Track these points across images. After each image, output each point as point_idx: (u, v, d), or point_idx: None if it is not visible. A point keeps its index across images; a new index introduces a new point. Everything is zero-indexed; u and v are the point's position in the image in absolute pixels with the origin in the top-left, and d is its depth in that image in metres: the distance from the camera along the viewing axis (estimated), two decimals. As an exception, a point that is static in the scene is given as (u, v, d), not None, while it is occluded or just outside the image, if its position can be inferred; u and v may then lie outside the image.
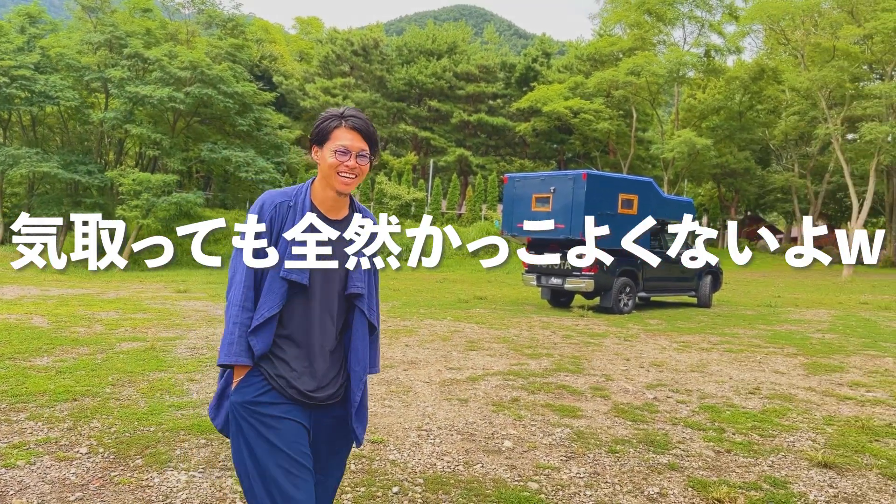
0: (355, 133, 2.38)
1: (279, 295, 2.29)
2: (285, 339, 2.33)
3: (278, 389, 2.29)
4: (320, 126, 2.41)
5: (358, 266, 2.43)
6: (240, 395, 2.28)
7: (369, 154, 2.40)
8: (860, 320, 13.97)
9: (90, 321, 9.85)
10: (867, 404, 6.51)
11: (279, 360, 2.32)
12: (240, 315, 2.28)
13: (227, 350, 2.28)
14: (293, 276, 2.29)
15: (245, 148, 30.37)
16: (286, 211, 2.36)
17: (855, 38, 30.52)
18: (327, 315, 2.39)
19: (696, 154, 38.55)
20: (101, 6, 31.38)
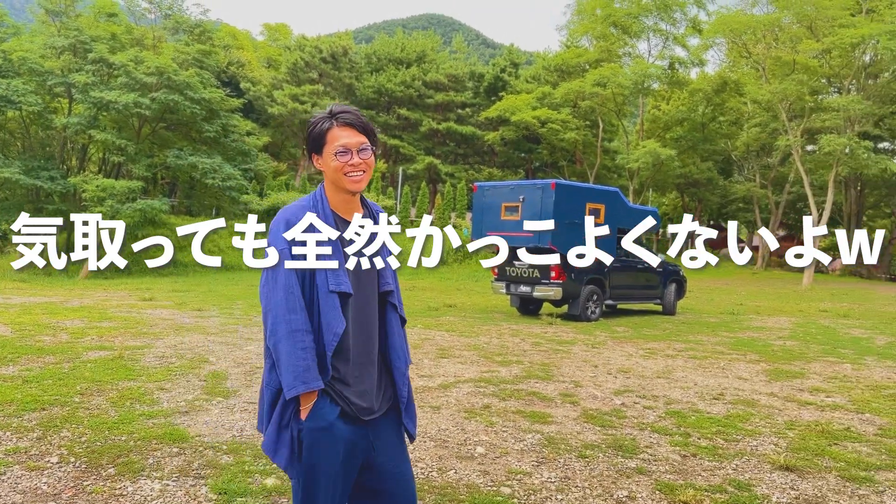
0: (350, 129, 2.30)
1: (339, 309, 2.21)
2: (336, 356, 2.25)
3: (344, 411, 2.24)
4: (313, 131, 2.33)
5: (386, 263, 2.39)
6: (320, 420, 2.21)
7: (370, 146, 2.33)
8: (820, 328, 14.34)
9: (55, 330, 9.70)
10: (827, 409, 6.71)
11: (338, 381, 2.25)
12: (305, 339, 2.17)
13: (305, 377, 2.16)
14: (342, 286, 2.22)
15: (212, 154, 30.09)
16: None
17: (814, 52, 31.34)
18: (369, 321, 2.33)
19: (660, 164, 39.19)
20: (65, 10, 30.92)
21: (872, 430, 5.94)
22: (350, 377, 2.26)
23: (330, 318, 2.20)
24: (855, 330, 14.13)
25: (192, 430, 5.04)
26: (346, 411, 2.25)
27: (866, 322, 15.82)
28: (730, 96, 41.38)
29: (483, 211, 14.72)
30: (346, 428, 2.24)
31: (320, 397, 2.22)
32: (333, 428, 2.21)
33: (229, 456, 4.54)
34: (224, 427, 5.19)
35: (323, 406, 2.21)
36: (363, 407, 2.27)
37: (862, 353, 10.68)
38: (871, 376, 8.67)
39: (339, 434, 2.22)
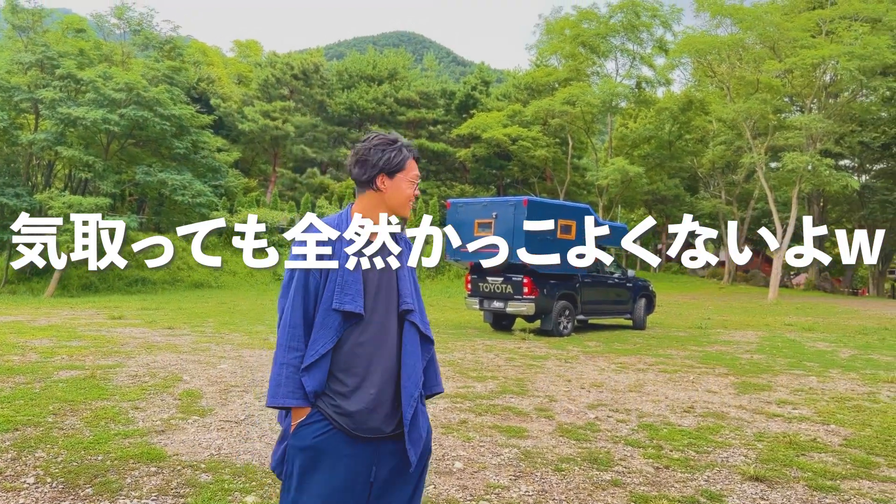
0: (416, 163, 2.47)
1: (333, 329, 2.23)
2: (345, 372, 2.26)
3: (343, 430, 2.23)
4: (393, 156, 2.37)
5: (405, 281, 2.40)
6: (298, 440, 2.23)
7: None
8: (786, 341, 14.64)
9: (23, 349, 9.55)
10: (794, 421, 6.88)
11: (341, 397, 2.24)
12: (286, 355, 2.21)
13: (274, 392, 2.21)
14: (346, 306, 2.23)
15: (181, 171, 29.81)
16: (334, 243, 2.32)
17: (776, 72, 32.15)
18: (387, 339, 2.32)
19: (628, 181, 39.77)
20: (32, 26, 30.54)
21: (838, 441, 6.11)
22: (361, 395, 2.25)
23: (318, 336, 2.23)
24: (820, 343, 14.45)
25: (169, 449, 5.02)
26: (341, 429, 2.24)
27: (830, 335, 16.18)
28: (695, 115, 42.21)
29: (456, 227, 14.82)
30: (339, 447, 2.23)
31: (311, 416, 2.24)
32: (317, 449, 2.21)
33: (208, 474, 4.54)
34: (201, 446, 5.18)
35: (308, 427, 2.23)
36: (370, 426, 2.26)
37: (827, 366, 10.94)
38: (835, 388, 8.90)
39: (326, 454, 2.21)
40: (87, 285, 29.03)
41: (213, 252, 20.04)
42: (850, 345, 14.29)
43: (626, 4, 41.27)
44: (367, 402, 2.26)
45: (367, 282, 2.31)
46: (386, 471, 2.32)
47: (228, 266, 32.51)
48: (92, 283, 29.28)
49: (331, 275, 2.27)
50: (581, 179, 46.58)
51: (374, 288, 2.33)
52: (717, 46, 33.51)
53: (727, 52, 33.94)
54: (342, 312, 2.24)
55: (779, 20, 31.60)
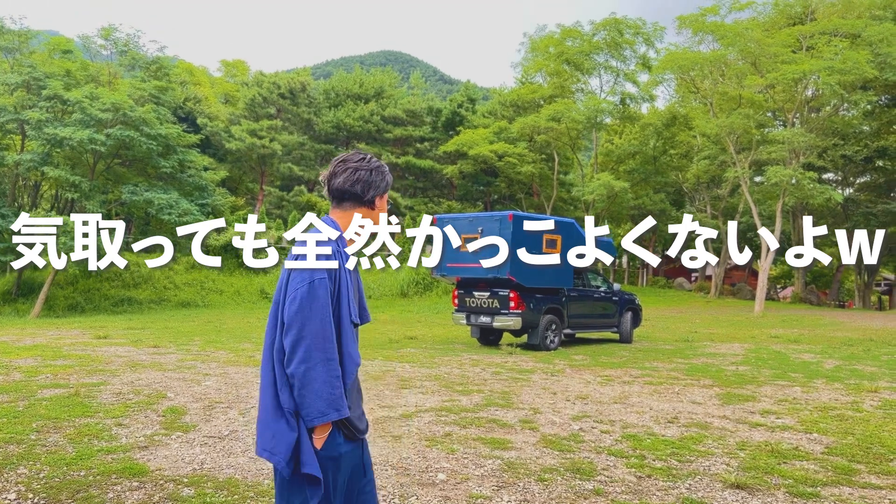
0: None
1: (356, 341, 2.40)
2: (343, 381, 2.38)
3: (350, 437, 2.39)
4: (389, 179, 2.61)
5: (362, 294, 2.57)
6: (333, 450, 2.34)
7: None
8: (771, 353, 14.73)
9: (8, 369, 9.49)
10: (777, 430, 6.94)
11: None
12: (337, 369, 2.28)
13: (338, 404, 2.26)
14: (361, 318, 2.44)
15: (168, 190, 29.78)
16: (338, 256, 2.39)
17: (758, 87, 32.53)
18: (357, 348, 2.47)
19: (614, 196, 40.03)
20: (18, 47, 30.54)
21: (819, 449, 6.17)
22: (355, 402, 2.45)
23: (352, 349, 2.35)
24: (805, 354, 14.55)
25: (151, 465, 5.02)
26: (349, 436, 2.39)
27: (816, 347, 16.28)
28: (679, 130, 42.59)
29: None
30: (350, 452, 2.40)
31: (333, 428, 2.34)
32: (343, 457, 2.36)
33: (190, 489, 4.53)
34: (184, 461, 5.17)
35: (336, 437, 2.34)
36: (361, 428, 2.45)
37: (811, 377, 11.02)
38: (819, 398, 8.97)
39: (347, 461, 2.37)
40: (73, 305, 28.85)
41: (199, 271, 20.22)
42: (835, 356, 14.39)
43: (610, 22, 41.73)
44: (356, 410, 2.45)
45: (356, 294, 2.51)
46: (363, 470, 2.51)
47: (215, 285, 32.41)
48: (78, 303, 29.11)
49: (341, 287, 2.34)
50: (567, 195, 46.84)
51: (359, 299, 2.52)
52: (700, 63, 33.91)
53: (709, 67, 34.34)
54: (355, 325, 2.41)
55: (759, 36, 32.03)
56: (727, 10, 35.26)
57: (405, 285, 31.83)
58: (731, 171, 33.71)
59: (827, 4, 35.29)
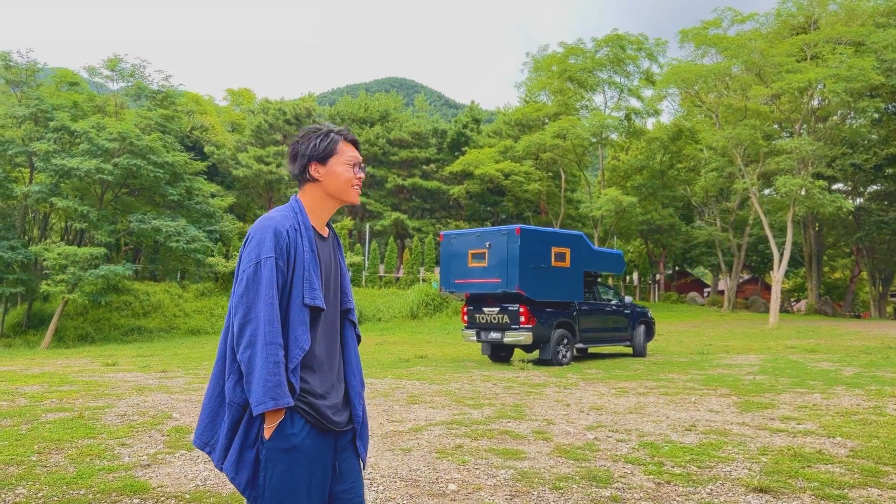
0: (353, 147, 2.40)
1: (307, 325, 2.19)
2: (308, 370, 2.22)
3: (317, 426, 2.20)
4: (319, 141, 2.33)
5: (346, 278, 2.42)
6: (284, 441, 2.14)
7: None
8: (788, 362, 14.47)
9: (13, 395, 9.38)
10: (798, 435, 6.73)
11: (309, 394, 2.20)
12: (277, 353, 2.10)
13: (275, 393, 2.08)
14: (316, 301, 2.20)
15: (176, 217, 29.88)
16: (295, 235, 2.24)
17: (764, 98, 32.45)
18: (332, 335, 2.33)
19: (622, 212, 39.86)
20: (26, 80, 30.87)
21: (844, 452, 5.96)
22: (321, 391, 2.24)
23: (298, 333, 2.17)
24: (823, 363, 14.29)
25: (153, 482, 4.87)
26: (317, 425, 2.21)
27: (833, 356, 16.01)
28: (686, 144, 42.50)
29: (450, 259, 14.76)
30: (314, 444, 2.19)
31: (289, 415, 2.15)
32: (298, 449, 2.14)
33: (193, 505, 4.39)
34: (187, 478, 5.02)
35: (291, 426, 2.14)
36: (335, 420, 2.26)
37: (831, 384, 10.78)
38: (840, 404, 8.74)
39: (305, 453, 2.15)
40: (83, 336, 28.82)
41: (209, 298, 20.28)
42: (854, 363, 14.13)
43: (612, 38, 41.87)
44: (327, 400, 2.25)
45: (322, 277, 2.29)
46: (343, 468, 2.32)
47: (224, 311, 32.32)
48: (88, 333, 29.09)
49: (297, 269, 2.20)
50: (575, 212, 46.71)
51: (326, 283, 2.31)
52: (704, 75, 33.89)
53: (714, 80, 34.31)
54: (309, 308, 2.20)
55: (763, 47, 32.00)
56: (729, 23, 35.34)
57: (415, 306, 31.64)
58: (739, 183, 33.50)
59: (830, 13, 35.26)
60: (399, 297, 33.26)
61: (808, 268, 46.10)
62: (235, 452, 2.17)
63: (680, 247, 49.46)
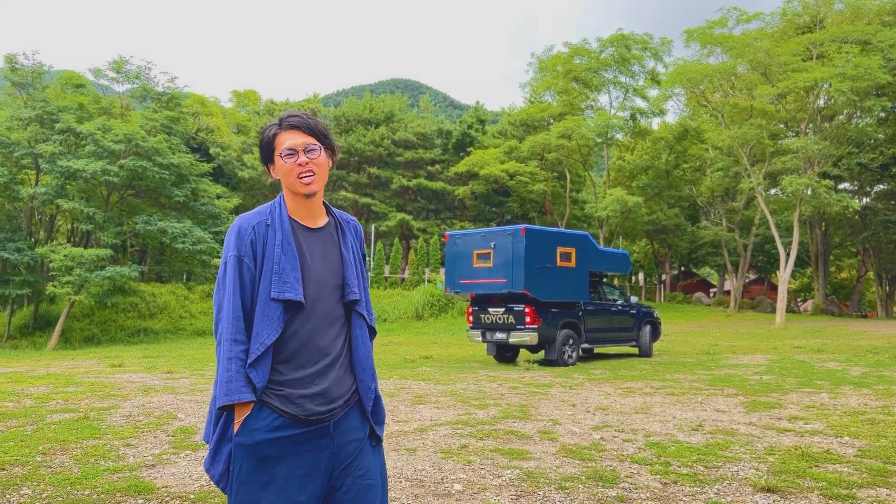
0: (296, 131, 2.27)
1: (275, 319, 2.15)
2: (289, 362, 2.18)
3: (292, 418, 2.13)
4: (262, 141, 2.31)
5: (351, 269, 2.33)
6: (247, 436, 2.11)
7: (320, 146, 2.29)
8: (795, 362, 14.41)
9: (19, 396, 9.40)
10: (806, 434, 6.69)
11: (287, 386, 2.16)
12: (233, 349, 2.11)
13: (227, 388, 2.09)
14: (287, 294, 2.15)
15: (182, 219, 29.93)
16: (265, 230, 2.22)
17: (769, 97, 32.31)
18: (330, 327, 2.26)
19: (628, 212, 39.76)
20: (32, 82, 30.97)
21: (852, 452, 5.92)
22: (307, 385, 2.17)
23: (261, 327, 2.14)
24: (830, 363, 14.22)
25: (158, 482, 4.86)
26: (299, 418, 2.14)
27: (840, 356, 15.94)
28: (691, 143, 42.35)
29: (455, 260, 14.73)
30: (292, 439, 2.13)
31: (255, 410, 2.12)
32: (262, 444, 2.10)
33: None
34: (192, 478, 5.01)
35: (255, 420, 2.12)
36: (315, 410, 2.17)
37: (838, 384, 10.73)
38: (848, 403, 8.70)
39: (274, 450, 2.11)
40: (89, 337, 28.89)
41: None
42: (861, 363, 14.06)
43: (617, 38, 41.78)
44: (312, 390, 2.17)
45: (306, 269, 2.23)
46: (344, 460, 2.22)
47: (231, 312, 32.27)
48: (94, 335, 29.16)
49: (266, 264, 2.18)
50: (581, 212, 46.63)
51: (314, 275, 2.25)
52: (709, 75, 33.77)
53: (719, 79, 34.19)
54: (282, 301, 2.16)
55: (769, 46, 31.88)
56: (735, 22, 35.21)
57: (420, 307, 31.62)
58: (745, 183, 33.37)
59: (835, 12, 35.12)
60: (404, 297, 33.24)
61: (815, 268, 45.93)
62: (213, 445, 2.19)
63: (686, 247, 49.34)
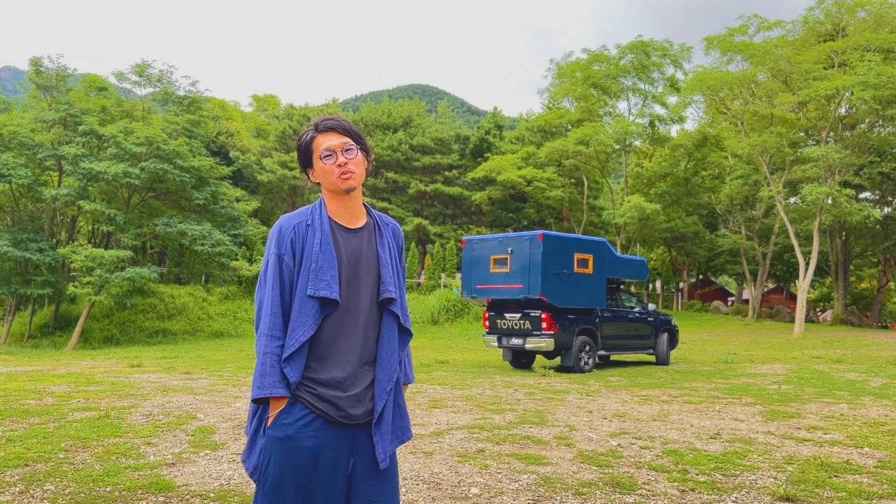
0: (332, 133, 2.33)
1: (311, 316, 2.20)
2: (323, 360, 2.23)
3: (323, 416, 2.19)
4: (300, 146, 2.37)
5: (387, 268, 2.36)
6: (279, 430, 2.17)
7: (356, 146, 2.35)
8: (814, 372, 14.27)
9: (41, 394, 9.52)
10: (825, 445, 6.64)
11: (319, 385, 2.21)
12: (269, 345, 2.19)
13: (261, 382, 2.17)
14: (322, 292, 2.20)
15: (201, 221, 30.19)
16: (305, 230, 2.29)
17: (790, 105, 32.08)
18: (364, 327, 2.30)
19: (646, 219, 39.55)
20: (56, 85, 31.40)
21: (872, 463, 5.87)
22: (338, 383, 2.22)
23: (297, 324, 2.20)
24: (849, 373, 14.07)
25: (178, 480, 4.92)
26: (323, 416, 2.19)
27: (860, 366, 15.76)
28: (710, 151, 42.08)
29: (472, 265, 14.75)
30: (319, 435, 2.18)
31: (289, 405, 2.19)
32: (293, 439, 2.16)
33: (216, 503, 4.42)
34: (211, 476, 5.07)
35: (287, 415, 2.18)
36: (350, 413, 2.23)
37: (857, 394, 10.62)
38: (868, 414, 8.61)
39: (301, 444, 2.16)
40: (108, 338, 29.19)
41: (233, 301, 20.56)
42: (882, 374, 13.90)
43: (636, 45, 41.64)
44: (345, 391, 2.22)
45: (343, 268, 2.28)
46: (363, 465, 2.26)
47: (248, 314, 32.56)
48: (113, 335, 29.46)
49: (304, 262, 2.25)
50: (598, 219, 46.45)
51: (351, 274, 2.30)
52: (729, 82, 33.58)
53: (739, 87, 33.99)
54: (318, 299, 2.22)
55: (790, 54, 31.65)
56: (755, 30, 35.01)
57: (436, 312, 31.66)
58: (765, 191, 33.11)
59: (858, 20, 34.81)
60: (420, 302, 33.29)
61: (835, 277, 45.42)
62: (250, 438, 2.27)
63: (704, 255, 48.97)
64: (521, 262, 13.70)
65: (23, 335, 30.23)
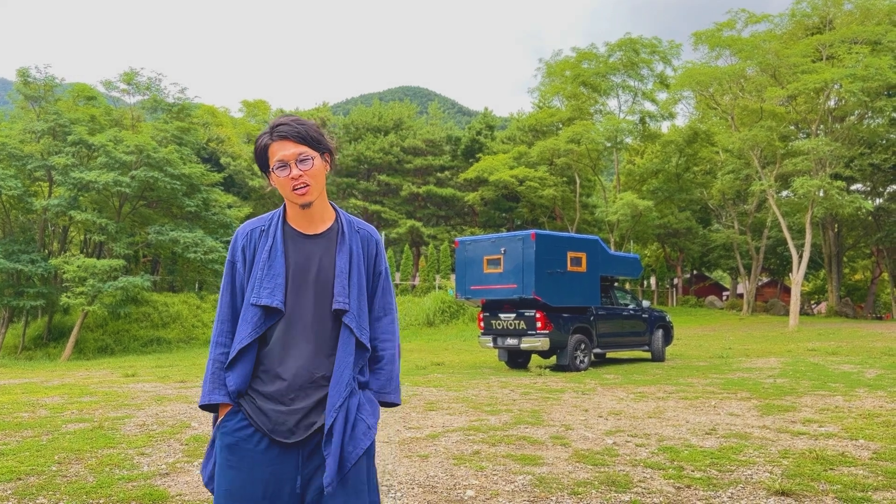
0: (286, 141, 2.16)
1: (252, 324, 2.13)
2: (269, 372, 2.14)
3: (261, 430, 2.10)
4: (256, 153, 2.24)
5: (342, 277, 2.21)
6: (224, 437, 2.12)
7: (313, 154, 2.18)
8: (809, 365, 14.31)
9: (34, 406, 9.46)
10: (821, 438, 6.64)
11: (261, 397, 2.12)
12: (213, 351, 2.17)
13: (203, 389, 2.16)
14: (263, 300, 2.12)
15: (193, 228, 30.10)
16: (259, 236, 2.23)
17: (779, 99, 32.14)
18: (317, 339, 2.17)
19: (639, 216, 39.63)
20: (44, 95, 31.25)
21: (867, 455, 5.88)
22: (282, 396, 2.12)
23: (239, 331, 2.17)
24: (844, 366, 14.12)
25: (172, 490, 4.89)
26: (263, 430, 2.11)
27: (855, 358, 15.81)
28: (701, 146, 42.18)
29: (465, 266, 14.74)
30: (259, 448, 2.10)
31: (232, 412, 2.14)
32: (234, 447, 2.10)
33: (211, 513, 4.40)
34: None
35: (227, 421, 2.14)
36: (287, 429, 2.11)
37: (852, 386, 10.65)
38: (862, 406, 8.63)
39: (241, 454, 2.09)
40: (102, 348, 29.05)
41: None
42: (876, 365, 13.95)
43: (625, 43, 41.73)
44: (287, 405, 2.11)
45: (290, 276, 2.19)
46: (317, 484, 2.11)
47: (243, 321, 32.38)
48: (107, 345, 29.32)
49: (254, 269, 2.20)
50: (591, 217, 46.54)
51: (300, 283, 2.19)
52: (718, 77, 33.66)
53: (729, 82, 34.07)
54: (260, 307, 2.15)
55: (778, 47, 31.75)
56: (743, 24, 35.08)
57: (431, 314, 31.63)
58: (756, 185, 33.19)
59: (845, 13, 34.94)
60: (415, 304, 33.26)
61: (828, 269, 45.59)
62: (208, 447, 2.23)
63: (697, 250, 49.09)
64: (514, 262, 13.70)
65: (16, 347, 30.06)
